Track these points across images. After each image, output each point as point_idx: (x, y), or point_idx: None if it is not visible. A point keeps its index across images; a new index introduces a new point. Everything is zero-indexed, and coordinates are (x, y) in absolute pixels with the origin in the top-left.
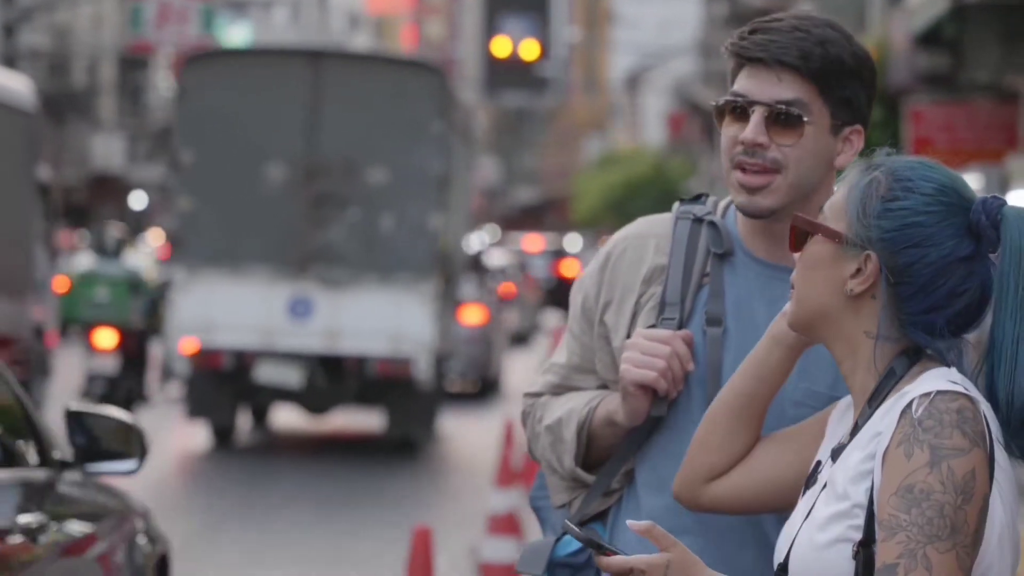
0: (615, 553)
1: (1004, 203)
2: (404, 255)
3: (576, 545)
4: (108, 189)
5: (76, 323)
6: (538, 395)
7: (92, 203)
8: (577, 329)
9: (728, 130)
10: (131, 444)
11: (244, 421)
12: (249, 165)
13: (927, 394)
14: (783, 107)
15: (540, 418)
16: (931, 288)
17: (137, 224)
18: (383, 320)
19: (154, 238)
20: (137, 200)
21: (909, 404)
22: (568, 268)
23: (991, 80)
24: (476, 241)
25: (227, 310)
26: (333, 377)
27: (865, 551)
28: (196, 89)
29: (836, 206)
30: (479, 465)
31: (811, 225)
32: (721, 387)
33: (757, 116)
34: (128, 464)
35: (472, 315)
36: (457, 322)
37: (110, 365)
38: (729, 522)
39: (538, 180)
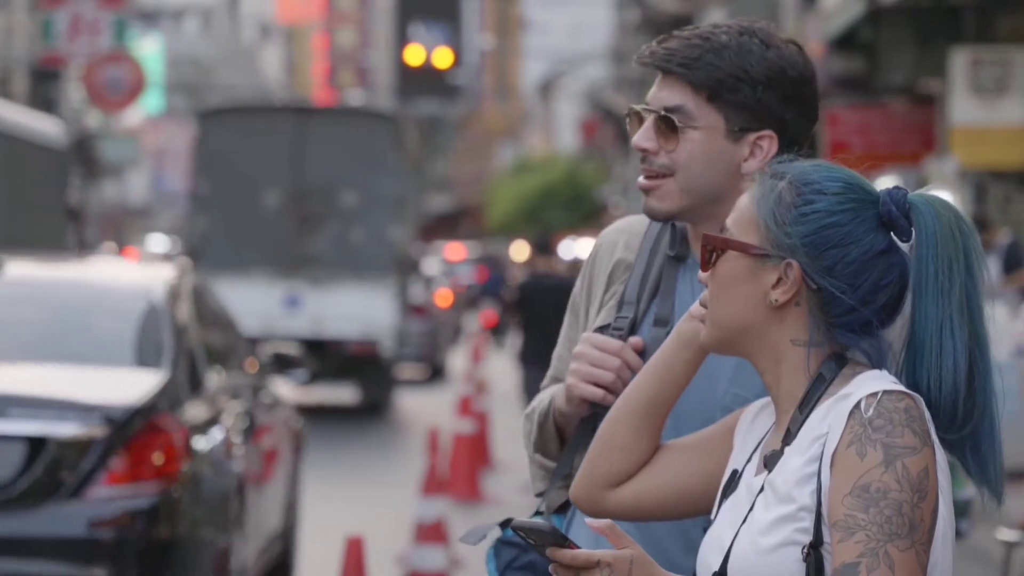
0: (575, 546)
1: (907, 192)
2: (371, 259)
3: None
4: None
5: None
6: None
7: None
8: (566, 324)
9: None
10: (301, 366)
11: None
12: (250, 192)
13: (874, 394)
14: (663, 113)
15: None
16: (855, 286)
17: None
18: (356, 310)
19: None
20: None
21: (857, 405)
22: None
23: (906, 83)
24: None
25: (234, 305)
26: (318, 355)
27: (815, 552)
28: (210, 135)
29: (743, 220)
30: (410, 471)
31: (724, 242)
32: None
33: (648, 122)
34: (303, 375)
35: (422, 311)
36: (410, 313)
37: None
38: (664, 526)
39: (451, 188)
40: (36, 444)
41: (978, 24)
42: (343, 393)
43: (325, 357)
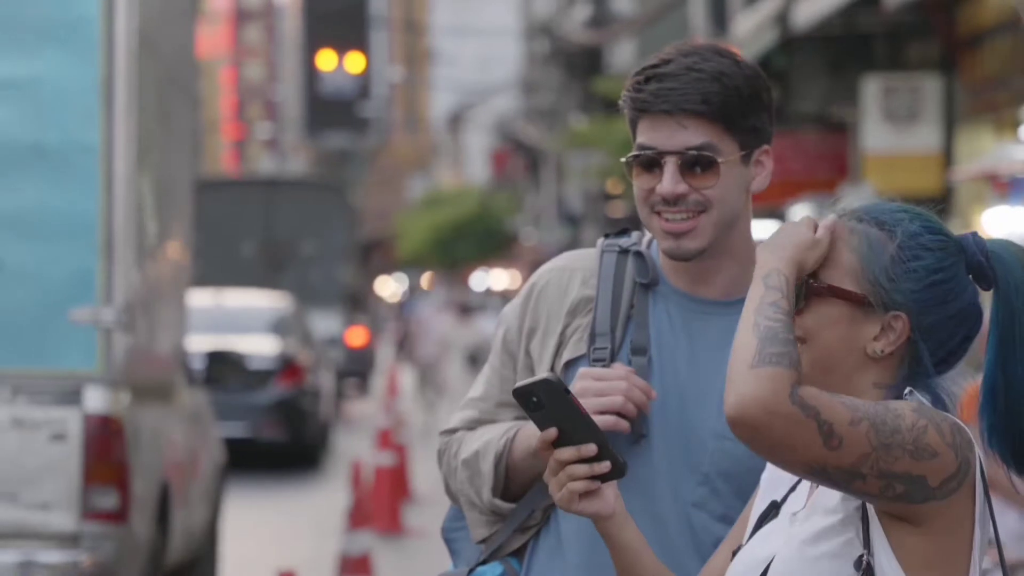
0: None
1: (984, 239)
2: (326, 293)
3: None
4: None
5: None
6: (454, 431)
7: None
8: (498, 362)
9: (640, 181)
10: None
11: None
12: (231, 244)
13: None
14: (695, 153)
15: (456, 453)
16: (951, 339)
17: None
18: (316, 330)
19: None
20: None
21: None
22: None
23: (819, 111)
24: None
25: None
26: None
27: (869, 566)
28: (203, 200)
29: (842, 266)
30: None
31: (837, 292)
32: (645, 415)
33: (671, 167)
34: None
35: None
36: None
37: None
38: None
39: (362, 221)
40: (252, 371)
41: (890, 51)
42: None
43: None
